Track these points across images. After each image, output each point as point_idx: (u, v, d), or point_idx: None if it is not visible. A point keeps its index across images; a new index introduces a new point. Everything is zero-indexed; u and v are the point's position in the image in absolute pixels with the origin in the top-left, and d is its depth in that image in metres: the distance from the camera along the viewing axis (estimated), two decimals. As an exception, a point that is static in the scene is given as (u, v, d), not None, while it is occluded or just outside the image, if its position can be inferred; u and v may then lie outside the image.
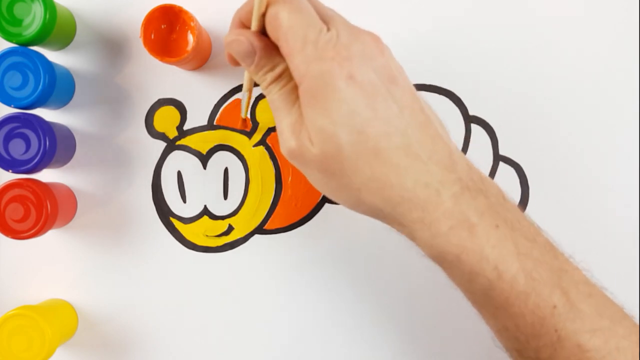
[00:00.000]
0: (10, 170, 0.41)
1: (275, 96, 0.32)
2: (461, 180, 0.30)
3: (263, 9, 0.31)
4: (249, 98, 0.41)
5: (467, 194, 0.30)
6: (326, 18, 0.31)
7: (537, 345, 0.30)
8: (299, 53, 0.29)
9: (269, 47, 0.32)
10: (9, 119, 0.41)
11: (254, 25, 0.32)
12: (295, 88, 0.31)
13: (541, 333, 0.30)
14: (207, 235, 0.46)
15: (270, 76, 0.32)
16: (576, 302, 0.30)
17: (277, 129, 0.32)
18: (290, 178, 0.46)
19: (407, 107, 0.30)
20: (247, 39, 0.32)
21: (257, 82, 0.33)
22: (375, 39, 0.31)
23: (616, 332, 0.30)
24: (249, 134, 0.46)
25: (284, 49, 0.30)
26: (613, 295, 0.33)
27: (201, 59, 0.45)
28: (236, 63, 0.36)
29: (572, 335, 0.30)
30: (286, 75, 0.32)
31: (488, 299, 0.30)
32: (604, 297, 0.32)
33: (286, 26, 0.30)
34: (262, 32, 0.33)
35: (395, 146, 0.29)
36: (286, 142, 0.31)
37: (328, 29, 0.30)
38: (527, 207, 0.46)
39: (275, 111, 0.32)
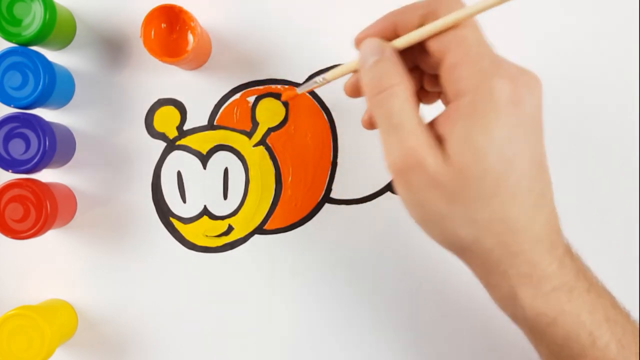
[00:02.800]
0: (10, 170, 0.41)
1: (396, 105, 0.28)
2: (564, 245, 0.30)
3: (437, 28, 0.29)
4: (321, 85, 0.37)
5: (569, 256, 0.30)
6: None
7: None
8: (475, 64, 0.28)
9: (397, 58, 0.30)
10: (9, 119, 0.41)
11: (403, 41, 0.30)
12: (417, 106, 0.29)
13: None
14: (207, 236, 0.46)
15: (396, 81, 0.29)
16: None
17: (391, 144, 0.28)
18: (290, 178, 0.46)
19: (543, 158, 0.29)
20: (379, 43, 0.30)
21: (375, 85, 0.29)
22: (538, 79, 0.29)
23: None
24: (249, 134, 0.46)
25: (449, 60, 0.28)
26: None
27: (201, 59, 0.46)
28: (355, 93, 0.34)
29: None
30: (411, 87, 0.29)
31: None
32: None
33: (462, 34, 0.28)
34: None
35: (530, 192, 0.28)
36: (410, 156, 0.28)
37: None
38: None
39: (393, 126, 0.28)
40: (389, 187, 0.46)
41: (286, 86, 0.46)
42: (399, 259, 0.46)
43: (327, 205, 0.46)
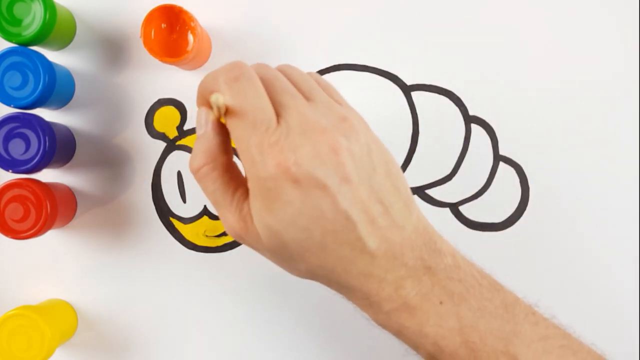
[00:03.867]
0: (10, 170, 0.41)
1: (210, 187, 0.32)
2: (406, 265, 0.30)
3: (222, 111, 0.30)
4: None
5: (411, 278, 0.31)
6: (280, 107, 0.30)
7: None
8: (245, 155, 0.29)
9: (216, 131, 0.32)
10: (9, 119, 0.41)
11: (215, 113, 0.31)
12: (234, 178, 0.32)
13: None
14: (207, 235, 0.46)
15: (202, 162, 0.32)
16: None
17: (220, 217, 0.32)
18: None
19: (359, 203, 0.29)
20: (204, 115, 0.32)
21: (191, 165, 0.32)
22: (332, 135, 0.29)
23: None
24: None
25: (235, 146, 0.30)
26: (578, 339, 0.33)
27: (201, 59, 0.46)
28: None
29: None
30: (219, 165, 0.32)
31: None
32: (564, 349, 0.32)
33: (232, 126, 0.30)
34: None
35: (342, 242, 0.29)
36: (231, 231, 0.32)
37: (278, 122, 0.29)
38: (527, 207, 0.46)
39: (214, 204, 0.32)
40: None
41: None
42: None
43: (327, 205, 0.46)
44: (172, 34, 0.43)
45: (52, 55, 0.46)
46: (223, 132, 0.32)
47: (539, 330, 0.32)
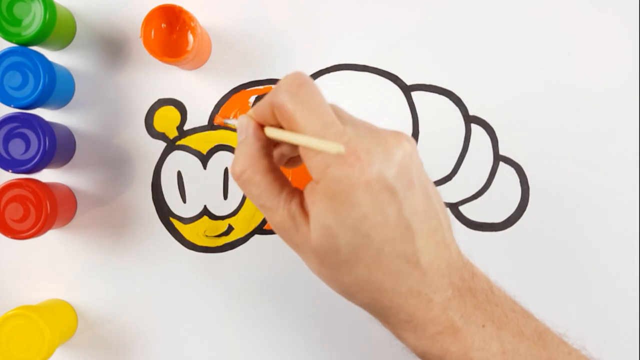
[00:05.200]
0: (10, 170, 0.41)
1: (254, 191, 0.31)
2: (453, 285, 0.30)
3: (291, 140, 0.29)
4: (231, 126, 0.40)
5: (457, 299, 0.30)
6: (343, 120, 0.30)
7: None
8: (316, 156, 0.28)
9: (257, 136, 0.32)
10: (9, 119, 0.41)
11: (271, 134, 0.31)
12: (277, 178, 0.31)
13: None
14: (207, 236, 0.46)
15: (245, 167, 0.31)
16: None
17: (266, 216, 0.31)
18: (290, 178, 0.46)
19: (419, 213, 0.29)
20: (246, 121, 0.32)
21: (233, 169, 0.31)
22: (398, 137, 0.29)
23: None
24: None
25: (300, 150, 0.29)
26: None
27: (201, 59, 0.46)
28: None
29: None
30: (262, 168, 0.31)
31: None
32: None
33: (302, 129, 0.28)
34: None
35: (398, 254, 0.28)
36: (280, 230, 0.31)
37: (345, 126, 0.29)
38: (527, 207, 0.46)
39: (260, 207, 0.31)
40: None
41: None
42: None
43: (327, 205, 0.46)
44: (172, 34, 0.43)
45: (52, 55, 0.46)
46: (264, 137, 0.31)
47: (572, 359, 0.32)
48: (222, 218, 0.46)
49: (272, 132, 0.31)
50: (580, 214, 0.45)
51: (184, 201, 0.46)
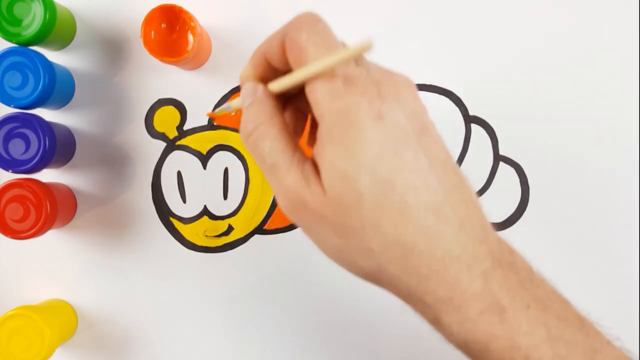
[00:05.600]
0: (10, 170, 0.41)
1: (268, 146, 0.28)
2: (493, 254, 0.26)
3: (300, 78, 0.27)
4: (226, 113, 0.39)
5: (498, 272, 0.26)
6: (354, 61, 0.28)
7: None
8: (326, 84, 0.26)
9: (268, 97, 0.29)
10: (9, 119, 0.41)
11: (277, 86, 0.29)
12: (291, 138, 0.28)
13: None
14: (207, 236, 0.46)
15: (260, 121, 0.28)
16: None
17: (275, 184, 0.27)
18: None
19: (439, 162, 0.26)
20: (252, 85, 0.29)
21: (245, 128, 0.29)
22: (409, 82, 0.28)
23: None
24: (249, 134, 0.46)
25: (308, 85, 0.27)
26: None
27: (201, 59, 0.46)
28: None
29: None
30: (278, 123, 0.28)
31: None
32: None
33: (313, 55, 0.26)
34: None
35: (425, 205, 0.25)
36: (291, 194, 0.27)
37: (357, 64, 0.27)
38: (527, 207, 0.46)
39: (270, 167, 0.28)
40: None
41: None
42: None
43: (327, 205, 0.46)
44: (172, 34, 0.43)
45: (52, 55, 0.46)
46: (274, 97, 0.29)
47: (614, 350, 0.29)
48: (222, 218, 0.46)
49: (279, 83, 0.29)
50: (580, 214, 0.45)
51: (184, 201, 0.46)
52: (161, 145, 0.47)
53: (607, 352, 0.29)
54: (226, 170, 0.46)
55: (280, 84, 0.29)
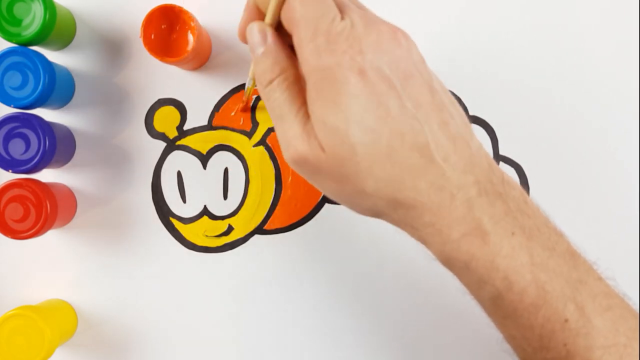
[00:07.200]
0: (10, 170, 0.41)
1: (278, 98, 0.30)
2: (479, 184, 0.29)
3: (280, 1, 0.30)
4: (253, 85, 0.40)
5: (483, 199, 0.28)
6: (342, 6, 0.29)
7: (545, 358, 0.29)
8: (310, 43, 0.28)
9: (279, 44, 0.31)
10: (9, 119, 0.41)
11: (269, 17, 0.31)
12: (301, 91, 0.30)
13: (549, 346, 0.29)
14: (207, 236, 0.46)
15: (275, 74, 0.30)
16: (591, 317, 0.29)
17: (280, 135, 0.30)
18: (290, 178, 0.46)
19: (423, 105, 0.28)
20: (260, 30, 0.31)
21: (260, 80, 0.31)
22: (393, 29, 0.29)
23: (633, 349, 0.29)
24: (249, 134, 0.46)
25: (295, 40, 0.29)
26: (635, 306, 0.31)
27: (201, 59, 0.46)
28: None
29: (583, 351, 0.28)
30: (291, 76, 0.30)
31: (496, 308, 0.30)
32: (624, 310, 0.30)
33: (299, 15, 0.28)
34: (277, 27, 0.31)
35: (409, 146, 0.28)
36: (292, 148, 0.29)
37: (342, 18, 0.29)
38: (527, 207, 0.46)
39: (277, 118, 0.30)
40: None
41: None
42: (399, 258, 0.46)
43: (327, 206, 0.46)
44: (172, 34, 0.43)
45: (52, 55, 0.46)
46: (286, 47, 0.31)
47: (602, 285, 0.30)
48: (222, 218, 0.46)
49: (267, 19, 0.30)
50: (580, 214, 0.45)
51: (184, 201, 0.46)
52: (161, 145, 0.47)
53: (594, 285, 0.30)
54: (226, 170, 0.46)
55: (269, 14, 0.30)
